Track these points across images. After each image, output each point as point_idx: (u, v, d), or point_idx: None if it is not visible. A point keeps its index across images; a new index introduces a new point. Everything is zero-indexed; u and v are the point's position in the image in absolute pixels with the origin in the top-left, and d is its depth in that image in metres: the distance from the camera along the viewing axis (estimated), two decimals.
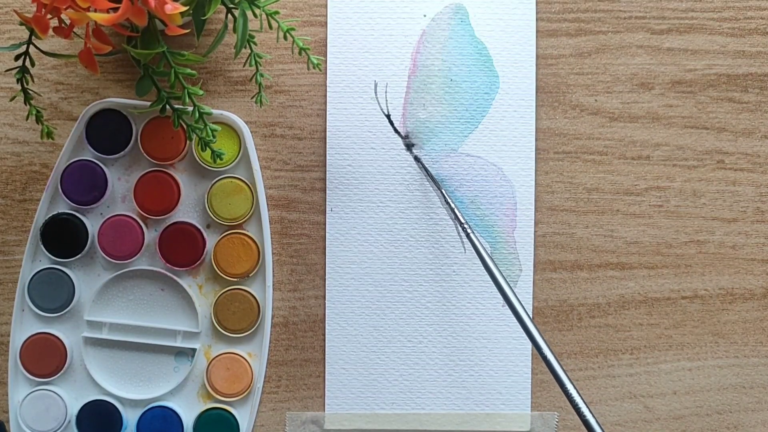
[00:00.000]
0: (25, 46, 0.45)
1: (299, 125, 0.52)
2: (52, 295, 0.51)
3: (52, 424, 0.51)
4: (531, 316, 0.45)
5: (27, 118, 0.47)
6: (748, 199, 0.52)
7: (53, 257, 0.51)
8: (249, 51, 0.46)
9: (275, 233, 0.52)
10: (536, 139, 0.52)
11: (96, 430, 0.51)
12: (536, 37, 0.52)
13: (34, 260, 0.52)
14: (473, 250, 0.47)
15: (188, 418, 0.52)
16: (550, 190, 0.52)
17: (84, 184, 0.51)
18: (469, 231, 0.48)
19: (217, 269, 0.51)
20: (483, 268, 0.46)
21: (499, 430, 0.52)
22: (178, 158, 0.52)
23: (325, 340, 0.52)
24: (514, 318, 0.45)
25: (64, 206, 0.52)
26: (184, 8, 0.42)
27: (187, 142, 0.51)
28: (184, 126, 0.46)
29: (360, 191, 0.52)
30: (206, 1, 0.43)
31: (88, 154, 0.51)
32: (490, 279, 0.46)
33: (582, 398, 0.43)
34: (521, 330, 0.52)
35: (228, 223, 0.51)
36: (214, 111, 0.51)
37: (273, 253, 0.52)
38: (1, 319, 0.53)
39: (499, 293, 0.45)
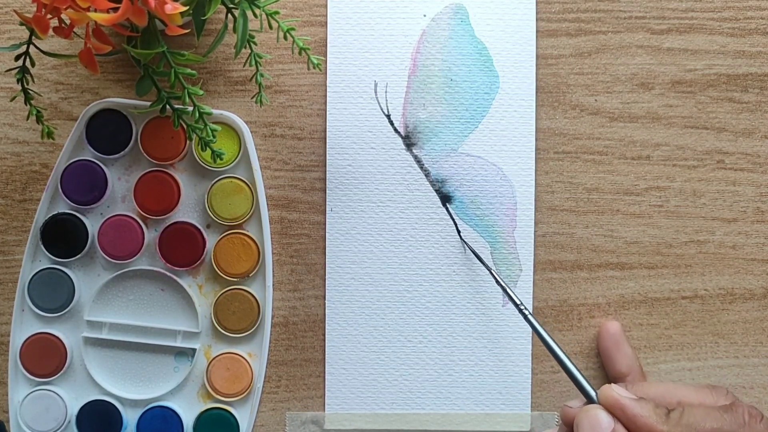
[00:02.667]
0: (25, 46, 0.45)
1: (299, 125, 0.52)
2: (52, 295, 0.51)
3: (52, 424, 0.51)
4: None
5: (27, 118, 0.47)
6: (748, 199, 0.52)
7: (53, 257, 0.51)
8: (249, 51, 0.46)
9: (275, 233, 0.52)
10: (536, 139, 0.52)
11: (96, 430, 0.51)
12: (536, 37, 0.52)
13: (34, 260, 0.52)
14: (532, 330, 0.48)
15: (188, 418, 0.52)
16: (550, 190, 0.52)
17: (84, 184, 0.51)
18: (526, 313, 0.48)
19: (217, 269, 0.51)
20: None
21: (499, 430, 0.52)
22: (178, 158, 0.52)
23: (325, 340, 0.52)
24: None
25: (64, 206, 0.52)
26: (184, 8, 0.42)
27: (187, 142, 0.51)
28: (184, 126, 0.46)
29: (360, 191, 0.52)
30: (206, 1, 0.43)
31: (88, 154, 0.51)
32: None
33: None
34: (521, 330, 0.52)
35: (228, 223, 0.51)
36: (214, 111, 0.51)
37: (273, 253, 0.52)
38: (1, 319, 0.53)
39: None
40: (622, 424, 0.43)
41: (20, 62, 0.46)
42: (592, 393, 0.45)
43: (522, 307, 0.48)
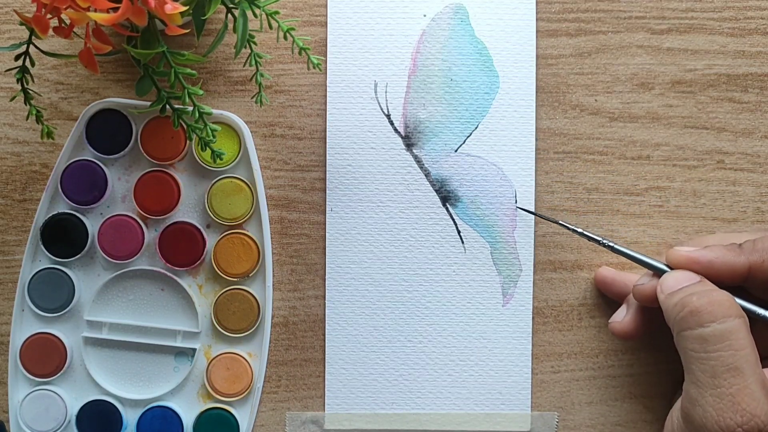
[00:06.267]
0: (25, 46, 0.45)
1: (299, 125, 0.52)
2: (52, 295, 0.51)
3: (52, 424, 0.51)
4: None
5: (27, 118, 0.47)
6: (748, 199, 0.52)
7: (53, 257, 0.51)
8: (249, 51, 0.46)
9: (275, 233, 0.52)
10: (536, 139, 0.52)
11: (96, 430, 0.51)
12: (536, 37, 0.52)
13: (34, 260, 0.52)
14: None
15: (188, 418, 0.52)
16: (550, 190, 0.52)
17: (84, 184, 0.51)
18: (611, 244, 0.49)
19: (217, 269, 0.51)
20: None
21: (499, 430, 0.52)
22: (178, 158, 0.52)
23: (325, 340, 0.52)
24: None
25: (64, 206, 0.52)
26: (184, 8, 0.42)
27: (187, 142, 0.51)
28: (184, 126, 0.46)
29: (360, 191, 0.52)
30: (206, 1, 0.43)
31: (88, 154, 0.51)
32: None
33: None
34: (521, 330, 0.52)
35: (228, 223, 0.51)
36: (214, 111, 0.51)
37: (273, 253, 0.52)
38: (1, 319, 0.53)
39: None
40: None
41: (20, 62, 0.46)
42: (666, 267, 0.46)
43: (604, 241, 0.49)
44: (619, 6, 0.52)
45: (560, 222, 0.50)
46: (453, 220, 0.52)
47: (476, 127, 0.52)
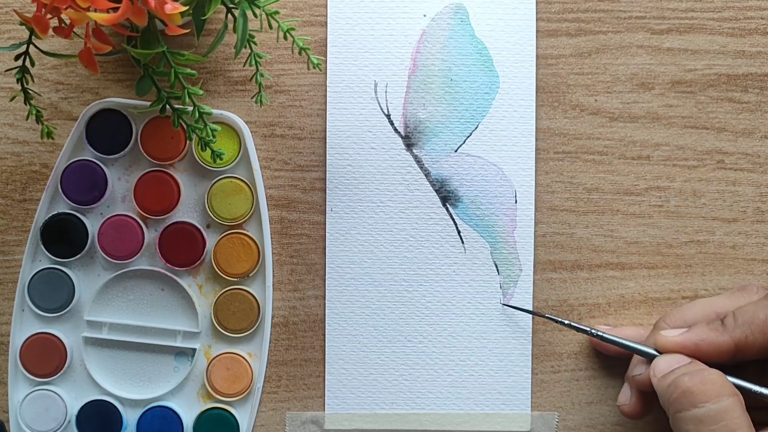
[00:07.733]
0: (25, 46, 0.45)
1: (299, 125, 0.52)
2: (52, 295, 0.51)
3: (52, 424, 0.51)
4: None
5: (27, 118, 0.47)
6: (748, 199, 0.52)
7: (53, 257, 0.51)
8: (249, 51, 0.46)
9: (275, 233, 0.52)
10: (536, 139, 0.52)
11: (96, 430, 0.51)
12: (536, 37, 0.52)
13: (34, 260, 0.52)
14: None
15: (188, 418, 0.52)
16: (550, 190, 0.52)
17: (84, 184, 0.51)
18: (594, 332, 0.49)
19: (217, 269, 0.51)
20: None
21: (499, 430, 0.52)
22: (178, 158, 0.52)
23: (325, 340, 0.52)
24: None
25: (64, 206, 0.52)
26: (184, 8, 0.42)
27: (187, 142, 0.51)
28: (184, 126, 0.46)
29: (360, 191, 0.52)
30: (206, 1, 0.43)
31: (88, 154, 0.51)
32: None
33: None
34: (521, 330, 0.52)
35: (228, 223, 0.51)
36: (214, 111, 0.51)
37: (273, 253, 0.52)
38: (1, 319, 0.53)
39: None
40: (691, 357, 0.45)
41: (20, 62, 0.46)
42: (656, 353, 0.47)
43: (591, 330, 0.49)
44: (619, 6, 0.52)
45: (547, 316, 0.50)
46: (453, 220, 0.52)
47: (476, 127, 0.52)
